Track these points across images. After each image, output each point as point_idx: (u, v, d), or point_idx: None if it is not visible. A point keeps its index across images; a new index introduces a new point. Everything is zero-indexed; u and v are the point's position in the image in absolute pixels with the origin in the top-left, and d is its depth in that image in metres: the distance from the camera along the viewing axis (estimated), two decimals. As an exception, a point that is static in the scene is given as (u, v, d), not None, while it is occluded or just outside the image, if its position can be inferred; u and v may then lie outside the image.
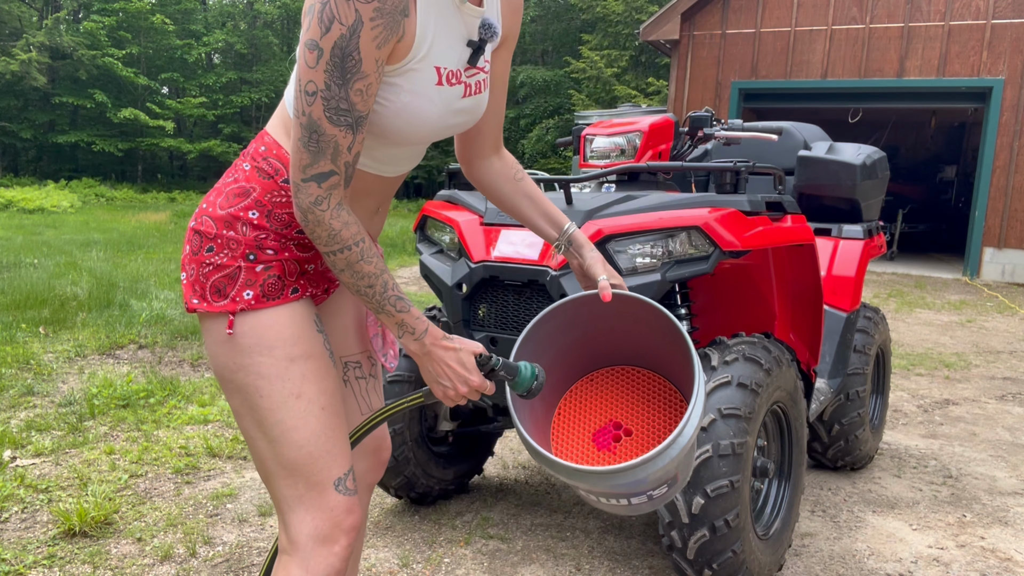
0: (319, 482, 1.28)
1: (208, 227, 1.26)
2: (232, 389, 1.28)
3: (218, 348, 1.27)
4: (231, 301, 1.25)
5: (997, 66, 11.53)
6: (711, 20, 13.21)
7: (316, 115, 1.12)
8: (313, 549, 1.28)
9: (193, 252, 1.28)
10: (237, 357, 1.25)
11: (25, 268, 7.80)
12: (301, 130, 1.14)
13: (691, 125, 2.80)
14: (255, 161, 1.29)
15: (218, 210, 1.27)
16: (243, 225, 1.25)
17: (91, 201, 19.99)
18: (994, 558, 2.66)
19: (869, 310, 3.47)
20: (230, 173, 1.33)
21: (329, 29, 1.09)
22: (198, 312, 1.28)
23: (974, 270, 11.89)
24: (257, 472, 1.35)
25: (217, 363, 1.29)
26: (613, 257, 2.18)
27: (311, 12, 1.10)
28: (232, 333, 1.25)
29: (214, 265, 1.25)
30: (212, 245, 1.26)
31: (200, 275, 1.26)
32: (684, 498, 2.05)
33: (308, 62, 1.10)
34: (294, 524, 1.28)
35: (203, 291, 1.26)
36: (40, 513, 2.69)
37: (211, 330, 1.27)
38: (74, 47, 23.38)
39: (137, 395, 4.00)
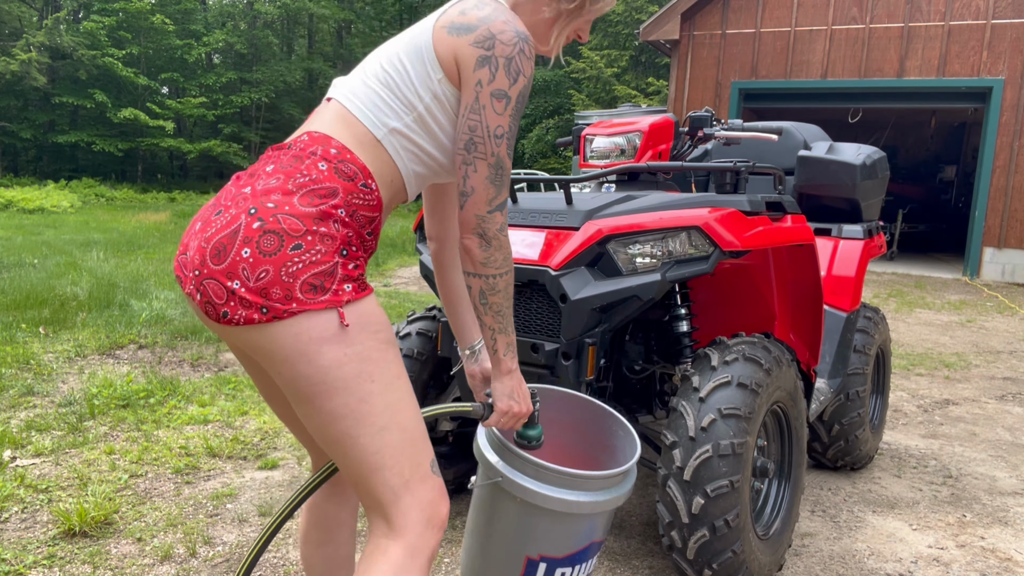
0: (420, 463, 1.32)
1: (293, 225, 1.22)
2: (336, 388, 1.24)
3: (322, 347, 1.22)
4: (333, 295, 1.23)
5: (997, 66, 11.53)
6: (711, 20, 13.21)
7: (503, 154, 1.32)
8: (421, 533, 1.30)
9: (265, 253, 1.21)
10: (347, 347, 1.24)
11: (25, 268, 7.81)
12: (488, 169, 1.31)
13: (691, 125, 2.80)
14: (331, 163, 1.30)
15: (300, 207, 1.24)
16: (334, 222, 1.26)
17: (91, 201, 19.99)
18: (994, 558, 2.66)
19: (869, 310, 3.47)
20: (296, 170, 1.29)
21: (516, 81, 1.31)
22: (285, 316, 1.20)
23: (974, 270, 11.90)
24: (349, 476, 1.33)
25: (318, 365, 1.23)
26: (613, 257, 2.18)
27: (491, 63, 1.29)
28: (348, 324, 1.24)
29: (306, 262, 1.21)
30: (301, 243, 1.22)
31: (282, 276, 1.20)
32: (684, 498, 2.06)
33: (497, 109, 1.30)
34: (401, 512, 1.30)
35: (288, 292, 1.20)
36: (40, 513, 2.69)
37: (307, 331, 1.21)
38: (74, 47, 23.38)
39: (137, 395, 4.00)
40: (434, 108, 1.35)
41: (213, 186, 26.97)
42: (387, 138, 1.34)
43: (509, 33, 1.30)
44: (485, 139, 1.30)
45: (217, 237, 1.24)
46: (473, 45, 1.30)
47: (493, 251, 1.34)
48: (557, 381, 2.22)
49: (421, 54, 1.34)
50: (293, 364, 1.23)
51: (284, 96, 28.17)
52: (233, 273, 1.21)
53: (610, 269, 2.18)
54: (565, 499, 1.55)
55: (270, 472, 3.17)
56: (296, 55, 30.96)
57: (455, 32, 1.31)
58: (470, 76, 1.31)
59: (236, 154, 26.26)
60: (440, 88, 1.34)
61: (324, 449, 1.32)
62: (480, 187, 1.31)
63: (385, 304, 7.08)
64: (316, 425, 1.28)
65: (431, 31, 1.34)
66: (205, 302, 1.24)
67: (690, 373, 2.21)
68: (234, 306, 1.22)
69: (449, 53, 1.32)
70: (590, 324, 2.17)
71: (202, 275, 1.24)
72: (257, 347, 1.24)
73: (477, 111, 1.30)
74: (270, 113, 28.14)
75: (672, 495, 2.07)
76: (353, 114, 1.35)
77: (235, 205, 1.27)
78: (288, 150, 1.34)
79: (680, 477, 2.06)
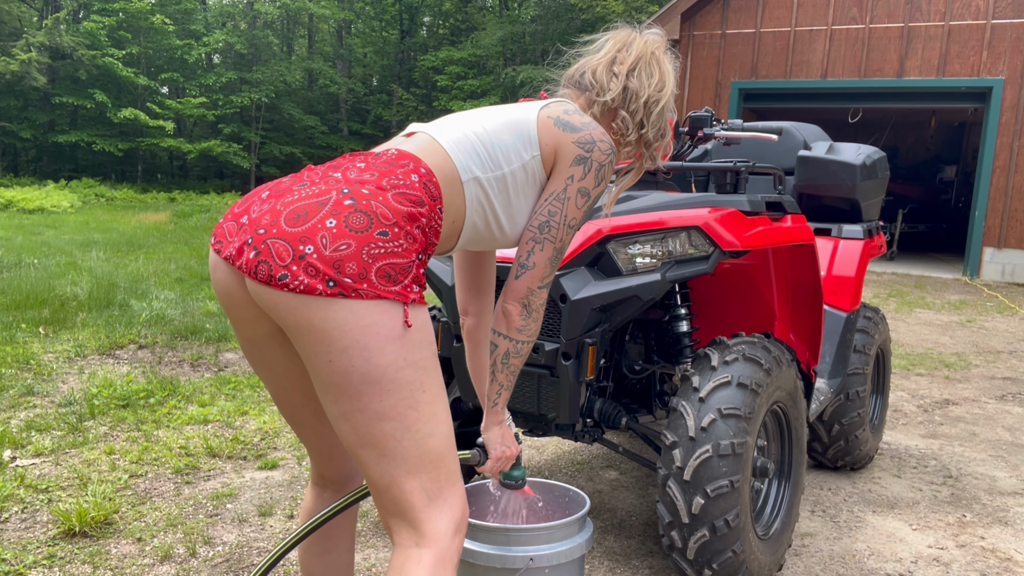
0: (453, 471, 1.34)
1: (384, 213, 1.23)
2: (391, 388, 1.22)
3: (386, 344, 1.20)
4: (404, 288, 1.22)
5: (997, 66, 11.53)
6: (711, 20, 13.21)
7: (567, 242, 1.47)
8: (451, 539, 1.32)
9: (352, 228, 1.19)
10: (409, 352, 1.23)
11: (25, 268, 7.80)
12: (552, 251, 1.47)
13: (691, 125, 2.80)
14: (422, 179, 1.33)
15: (394, 203, 1.26)
16: (418, 227, 1.29)
17: (91, 201, 19.98)
18: (994, 558, 2.66)
19: (869, 310, 3.47)
20: (391, 172, 1.31)
21: (599, 184, 1.46)
22: (354, 296, 1.17)
23: (974, 270, 11.90)
24: (380, 479, 1.29)
25: (377, 363, 1.20)
26: (613, 257, 2.18)
27: (585, 164, 1.44)
28: (411, 326, 1.23)
29: (387, 250, 1.21)
30: (387, 231, 1.22)
31: (362, 255, 1.18)
32: (684, 498, 2.05)
33: (578, 204, 1.45)
34: (432, 518, 1.30)
35: (364, 272, 1.18)
36: (40, 513, 2.69)
37: (374, 325, 1.19)
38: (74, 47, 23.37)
39: (137, 395, 4.00)
40: (518, 176, 1.45)
41: (213, 186, 26.96)
42: (469, 183, 1.41)
43: (606, 144, 1.46)
44: (560, 226, 1.45)
45: (299, 203, 1.22)
46: (575, 144, 1.44)
47: (531, 321, 1.49)
48: (557, 381, 2.22)
49: (521, 131, 1.46)
50: (350, 355, 1.19)
51: (284, 96, 28.16)
52: (309, 238, 1.18)
53: (610, 269, 2.18)
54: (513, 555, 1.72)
55: (270, 472, 3.17)
56: (296, 55, 30.95)
57: (561, 127, 1.45)
58: (565, 169, 1.45)
59: (236, 154, 26.23)
60: (531, 164, 1.46)
61: (353, 450, 1.28)
62: (541, 265, 1.47)
63: (385, 304, 7.07)
64: (356, 424, 1.24)
65: (536, 117, 1.48)
66: (261, 261, 1.18)
67: (690, 373, 2.21)
68: (297, 271, 1.17)
69: (551, 141, 1.45)
70: (590, 324, 2.17)
71: (268, 234, 1.19)
72: (308, 325, 1.18)
73: (562, 200, 1.45)
74: (270, 113, 28.13)
75: (672, 495, 2.07)
76: (445, 150, 1.40)
77: (324, 183, 1.27)
78: (377, 156, 1.36)
79: (680, 477, 2.06)
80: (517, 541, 1.73)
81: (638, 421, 2.50)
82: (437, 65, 26.65)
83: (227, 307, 1.36)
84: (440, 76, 26.28)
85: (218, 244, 1.29)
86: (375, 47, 31.26)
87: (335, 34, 31.97)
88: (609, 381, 2.54)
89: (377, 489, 1.31)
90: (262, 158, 28.04)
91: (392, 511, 1.31)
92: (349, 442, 1.28)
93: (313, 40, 32.18)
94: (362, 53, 31.23)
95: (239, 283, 1.30)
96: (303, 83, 29.97)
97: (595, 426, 2.42)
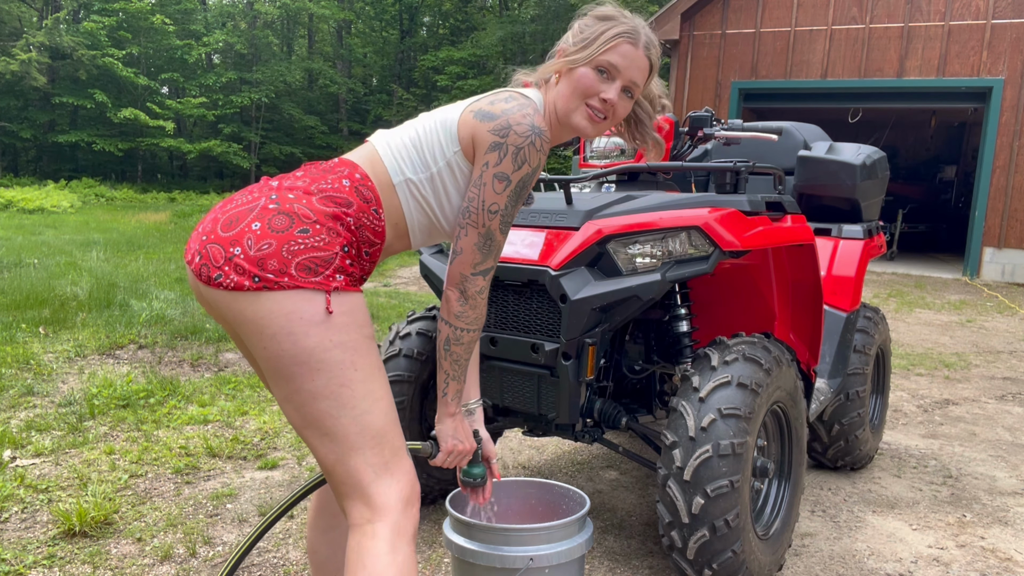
0: (399, 447, 1.42)
1: (305, 213, 1.36)
2: (320, 368, 1.32)
3: (309, 328, 1.32)
4: (325, 279, 1.34)
5: (997, 66, 11.53)
6: (711, 20, 13.21)
7: (493, 227, 1.49)
8: (402, 511, 1.39)
9: (274, 229, 1.33)
10: (334, 334, 1.33)
11: (25, 268, 7.80)
12: (478, 237, 1.48)
13: (691, 125, 2.80)
14: (354, 183, 1.45)
15: (317, 204, 1.38)
16: (343, 225, 1.40)
17: (91, 201, 19.98)
18: (994, 558, 2.66)
19: (869, 310, 3.47)
20: (322, 179, 1.44)
21: (520, 168, 1.47)
22: (275, 288, 1.30)
23: (974, 270, 11.89)
24: (326, 457, 1.38)
25: (303, 345, 1.31)
26: (613, 257, 2.18)
27: (501, 149, 1.45)
28: (332, 312, 1.33)
29: (307, 245, 1.34)
30: (308, 228, 1.35)
31: (282, 252, 1.32)
32: (684, 498, 2.05)
33: (496, 189, 1.47)
34: (381, 492, 1.38)
35: (283, 267, 1.31)
36: (40, 513, 2.69)
37: (297, 311, 1.31)
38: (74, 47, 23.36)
39: (137, 395, 4.00)
40: (445, 174, 1.52)
41: (213, 186, 26.95)
42: (401, 185, 1.51)
43: (524, 126, 1.47)
44: (480, 211, 1.48)
45: (234, 210, 1.38)
46: (490, 132, 1.47)
47: (468, 308, 1.52)
48: (557, 381, 2.22)
49: (448, 127, 1.52)
50: (279, 341, 1.32)
51: (284, 96, 28.15)
52: (237, 241, 1.33)
53: (610, 269, 2.18)
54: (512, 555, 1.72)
55: (270, 472, 3.17)
56: (296, 55, 30.94)
57: (479, 117, 1.49)
58: (481, 156, 1.49)
59: (236, 154, 26.23)
60: (454, 159, 1.51)
61: (300, 432, 1.39)
62: (468, 250, 1.49)
63: (385, 304, 7.08)
64: (296, 404, 1.35)
65: (460, 112, 1.53)
66: (202, 264, 1.34)
67: (690, 373, 2.21)
68: (228, 271, 1.32)
69: (468, 133, 1.50)
70: (590, 324, 2.16)
71: (208, 240, 1.35)
72: (244, 318, 1.33)
73: (479, 186, 1.48)
74: (270, 113, 28.12)
75: (672, 495, 2.07)
76: (380, 157, 1.52)
77: (259, 192, 1.42)
78: (319, 165, 1.51)
79: (680, 477, 2.06)
80: (517, 541, 1.73)
81: (638, 421, 2.50)
82: (437, 65, 26.64)
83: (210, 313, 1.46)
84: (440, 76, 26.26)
85: (186, 252, 1.44)
86: (375, 47, 31.25)
87: (335, 34, 31.96)
88: (609, 381, 2.54)
89: (326, 470, 1.40)
90: (262, 158, 28.03)
91: (343, 491, 1.40)
92: (295, 424, 1.39)
93: (313, 40, 32.17)
94: (362, 53, 31.22)
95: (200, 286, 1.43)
96: (303, 83, 29.95)
97: (595, 426, 2.42)
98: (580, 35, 1.56)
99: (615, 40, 1.54)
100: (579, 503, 1.94)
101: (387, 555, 1.34)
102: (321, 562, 1.75)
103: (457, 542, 1.79)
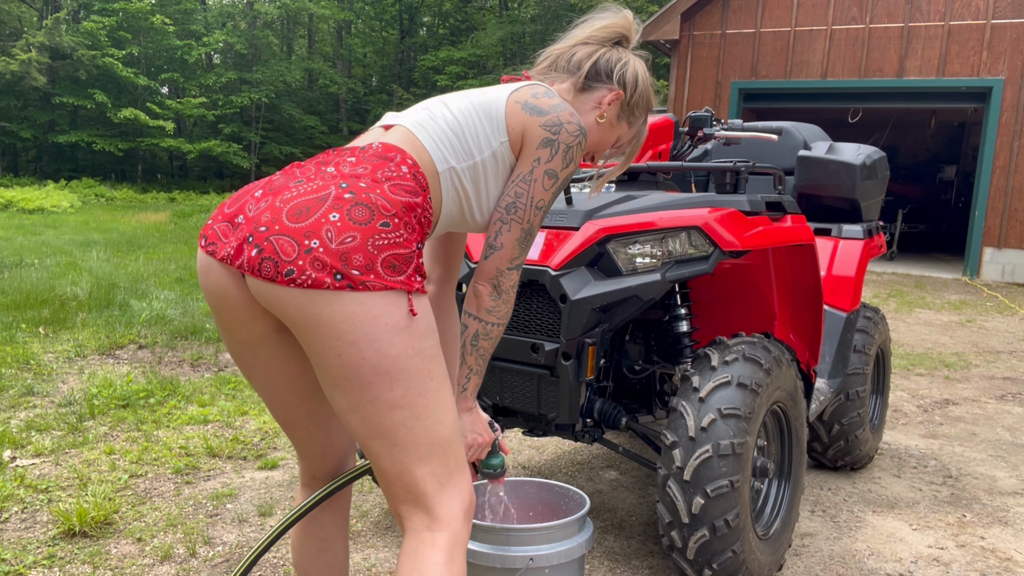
0: (461, 456, 1.38)
1: (384, 205, 1.24)
2: (399, 379, 1.24)
3: (395, 335, 1.22)
4: (408, 278, 1.24)
5: (997, 66, 11.53)
6: (711, 20, 13.21)
7: (536, 223, 1.48)
8: (462, 522, 1.36)
9: (358, 221, 1.20)
10: (416, 341, 1.25)
11: (25, 268, 7.80)
12: (520, 232, 1.47)
13: (691, 125, 2.80)
14: (411, 170, 1.35)
15: (391, 194, 1.27)
16: (415, 219, 1.30)
17: (91, 201, 19.98)
18: (994, 558, 2.66)
19: (869, 310, 3.47)
20: (383, 167, 1.32)
21: (567, 166, 1.47)
22: (361, 288, 1.18)
23: (974, 270, 11.90)
24: (392, 468, 1.31)
25: (387, 353, 1.22)
26: (613, 257, 2.18)
27: (552, 146, 1.45)
28: (416, 315, 1.25)
29: (391, 241, 1.22)
30: (389, 222, 1.23)
31: (368, 246, 1.19)
32: (684, 498, 2.05)
33: (545, 186, 1.46)
34: (445, 502, 1.34)
35: (370, 263, 1.19)
36: (40, 513, 2.69)
37: (382, 316, 1.20)
38: (74, 47, 23.37)
39: (137, 395, 4.00)
40: (489, 164, 1.47)
41: (213, 186, 26.95)
42: (444, 173, 1.42)
43: (574, 125, 1.47)
44: (527, 207, 1.46)
45: (299, 199, 1.22)
46: (542, 127, 1.45)
47: (501, 303, 1.49)
48: (557, 381, 2.22)
49: (492, 116, 1.47)
50: (360, 348, 1.20)
51: (284, 96, 28.16)
52: (314, 232, 1.18)
53: (610, 269, 2.18)
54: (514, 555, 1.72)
55: (270, 472, 3.17)
56: (296, 55, 30.95)
57: (528, 111, 1.46)
58: (531, 151, 1.46)
59: (236, 154, 26.23)
60: (500, 151, 1.47)
61: (364, 441, 1.30)
62: (509, 246, 1.47)
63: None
64: (367, 414, 1.26)
65: (505, 101, 1.48)
66: (264, 258, 1.19)
67: (690, 373, 2.21)
68: (303, 265, 1.17)
69: (519, 125, 1.46)
70: (590, 324, 2.17)
71: (271, 231, 1.20)
72: (316, 320, 1.19)
73: (528, 182, 1.46)
74: (270, 113, 28.13)
75: (672, 495, 2.07)
76: (421, 142, 1.42)
77: (320, 178, 1.28)
78: (365, 150, 1.37)
79: (680, 477, 2.06)
80: (517, 541, 1.73)
81: (638, 421, 2.50)
82: (437, 65, 26.65)
83: (220, 309, 1.34)
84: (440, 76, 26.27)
85: (211, 246, 1.29)
86: (375, 47, 31.27)
87: (335, 34, 31.97)
88: (609, 381, 2.54)
89: (388, 478, 1.32)
90: (262, 158, 28.03)
91: (404, 498, 1.33)
92: (359, 434, 1.29)
93: (313, 40, 32.18)
94: (362, 53, 31.23)
95: (236, 284, 1.29)
96: (303, 83, 29.96)
97: (595, 426, 2.42)
98: (635, 105, 1.66)
99: (645, 133, 1.71)
100: (579, 503, 1.94)
101: (444, 565, 1.31)
102: None
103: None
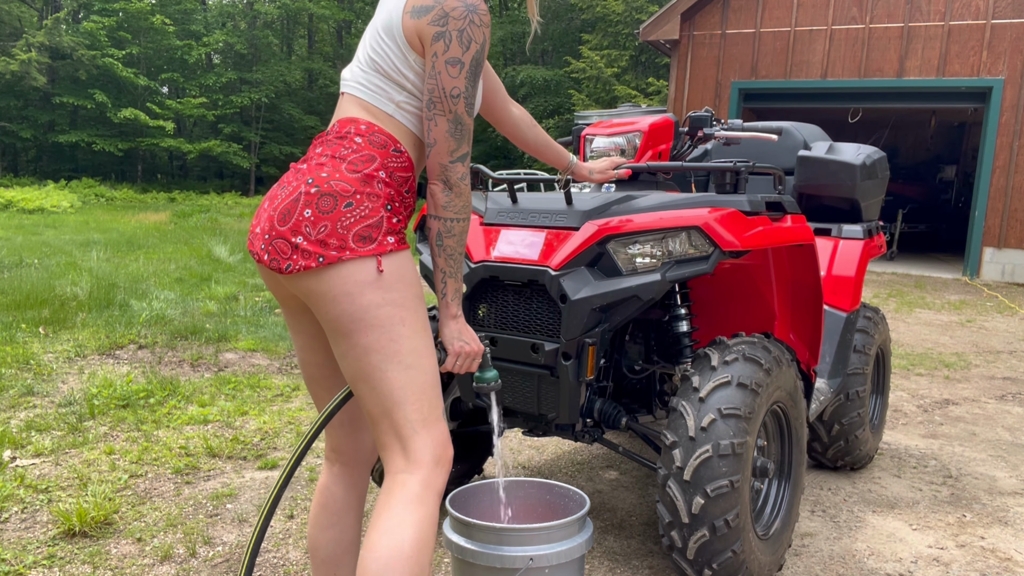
0: (437, 406, 1.53)
1: (343, 188, 1.47)
2: (372, 325, 1.45)
3: (364, 289, 1.44)
4: (379, 245, 1.46)
5: (997, 66, 11.53)
6: (711, 20, 13.21)
7: (460, 111, 1.52)
8: (433, 468, 1.50)
9: (324, 211, 1.45)
10: (385, 292, 1.46)
11: (25, 268, 7.80)
12: (447, 123, 1.51)
13: (691, 125, 2.80)
14: (364, 136, 1.54)
15: (348, 174, 1.48)
16: (378, 183, 1.50)
17: (91, 201, 19.98)
18: (994, 558, 2.66)
19: (869, 310, 3.47)
20: (339, 147, 1.52)
21: (468, 48, 1.50)
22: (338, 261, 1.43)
23: (974, 270, 11.89)
24: (373, 409, 1.52)
25: (359, 304, 1.45)
26: (613, 257, 2.18)
27: (445, 37, 1.49)
28: (383, 271, 1.46)
29: (356, 217, 1.46)
30: (351, 201, 1.46)
31: (338, 229, 1.44)
32: (684, 498, 2.05)
33: (451, 74, 1.50)
34: (418, 446, 1.50)
35: (343, 242, 1.44)
36: (40, 513, 2.69)
37: (353, 275, 1.44)
38: (74, 47, 23.37)
39: (137, 395, 4.00)
40: (418, 82, 1.56)
41: (213, 186, 26.95)
42: (397, 111, 1.57)
43: (460, 8, 1.50)
44: (443, 98, 1.51)
45: (283, 205, 1.49)
46: (430, 24, 1.50)
47: (454, 197, 1.54)
48: (557, 381, 2.22)
49: (395, 37, 1.55)
50: (339, 303, 1.45)
51: (284, 96, 28.16)
52: (297, 230, 1.46)
53: (610, 269, 2.18)
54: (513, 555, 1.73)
55: (270, 472, 3.17)
56: (296, 55, 30.95)
57: (416, 15, 1.51)
58: (429, 49, 1.52)
59: (236, 154, 26.23)
60: (417, 65, 1.55)
61: (353, 385, 1.52)
62: (441, 139, 1.52)
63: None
64: (352, 359, 1.48)
65: (400, 17, 1.53)
66: (272, 259, 1.48)
67: (690, 373, 2.21)
68: (296, 258, 1.45)
69: (414, 36, 1.52)
70: (590, 324, 2.17)
71: (271, 237, 1.49)
72: (311, 291, 1.47)
73: (434, 76, 1.51)
74: (270, 113, 28.12)
75: (672, 495, 2.07)
76: (365, 100, 1.58)
77: (295, 179, 1.52)
78: (329, 135, 1.58)
79: (680, 477, 2.06)
80: (517, 541, 1.73)
81: (638, 421, 2.50)
82: (437, 65, 26.58)
83: (271, 290, 1.64)
84: (440, 76, 26.22)
85: (253, 253, 1.57)
86: (375, 47, 31.22)
87: (335, 34, 31.96)
88: (609, 381, 2.54)
89: (373, 421, 1.52)
90: (262, 158, 28.03)
91: (384, 442, 1.51)
92: (349, 378, 1.51)
93: (313, 40, 32.18)
94: (362, 53, 31.20)
95: (272, 274, 1.58)
96: (303, 83, 29.95)
97: (595, 426, 2.42)
98: None
99: None
100: (579, 503, 1.94)
101: (413, 503, 1.46)
102: (322, 559, 1.76)
103: (457, 542, 1.79)
